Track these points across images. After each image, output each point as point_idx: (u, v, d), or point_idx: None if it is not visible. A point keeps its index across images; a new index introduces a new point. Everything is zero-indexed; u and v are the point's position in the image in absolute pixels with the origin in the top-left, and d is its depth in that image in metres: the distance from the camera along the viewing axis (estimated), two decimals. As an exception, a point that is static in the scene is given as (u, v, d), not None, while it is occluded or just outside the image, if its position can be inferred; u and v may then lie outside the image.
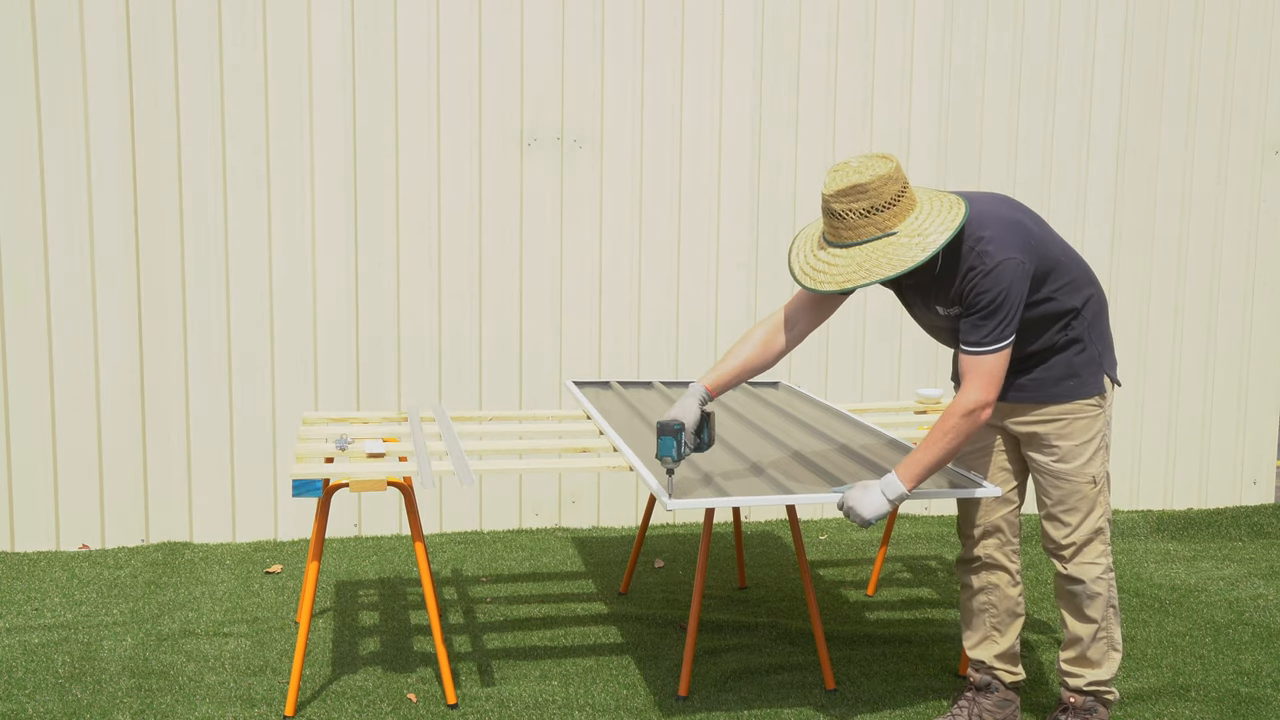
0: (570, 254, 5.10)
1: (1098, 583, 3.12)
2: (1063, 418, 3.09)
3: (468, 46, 4.91)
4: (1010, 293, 2.89)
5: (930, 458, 2.94)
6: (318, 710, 3.38)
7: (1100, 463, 3.11)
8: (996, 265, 2.88)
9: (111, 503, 4.85)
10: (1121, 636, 3.24)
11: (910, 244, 2.87)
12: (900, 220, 2.90)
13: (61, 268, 4.68)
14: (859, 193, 2.87)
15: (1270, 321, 5.81)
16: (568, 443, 3.71)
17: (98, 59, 4.62)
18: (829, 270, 2.94)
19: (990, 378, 2.91)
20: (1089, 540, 3.11)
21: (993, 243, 2.91)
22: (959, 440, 2.93)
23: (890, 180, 2.88)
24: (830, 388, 5.40)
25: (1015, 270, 2.89)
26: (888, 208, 2.88)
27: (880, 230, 2.90)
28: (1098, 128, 5.48)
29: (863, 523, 2.96)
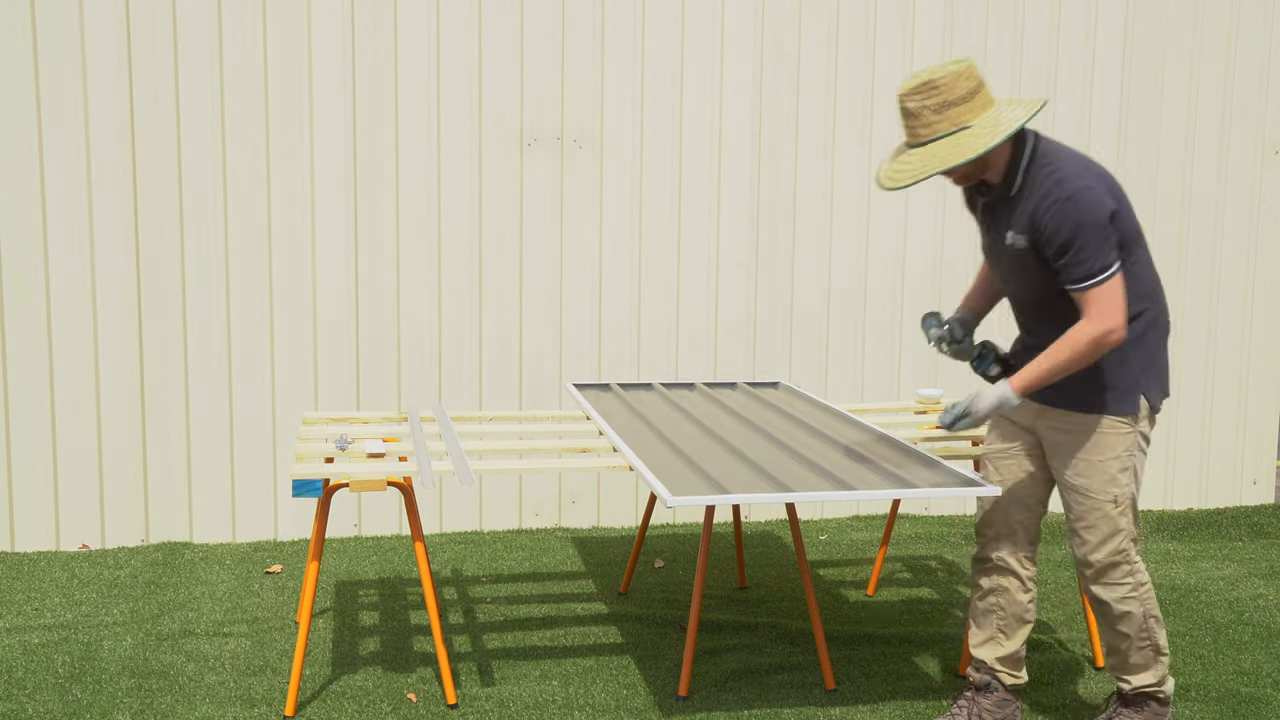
0: (570, 254, 5.10)
1: (1125, 603, 3.09)
2: (1087, 431, 3.05)
3: (468, 46, 4.91)
4: (1092, 220, 2.86)
5: (1044, 369, 2.94)
6: (318, 710, 3.38)
7: (1125, 484, 3.05)
8: (1075, 194, 2.87)
9: (111, 503, 4.85)
10: (1166, 638, 3.24)
11: (983, 133, 2.88)
12: (975, 115, 2.91)
13: (61, 268, 4.68)
14: (931, 89, 2.89)
15: (1270, 321, 5.81)
16: (568, 443, 3.71)
17: (98, 59, 4.62)
18: (905, 169, 2.95)
19: (1108, 304, 2.87)
20: (1112, 563, 3.08)
21: (1072, 173, 2.90)
22: (1077, 361, 2.90)
23: (963, 76, 2.89)
24: (830, 388, 5.40)
25: (1094, 201, 2.87)
26: (961, 102, 2.89)
27: (954, 125, 2.90)
28: (1098, 128, 5.48)
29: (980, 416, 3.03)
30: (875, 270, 5.37)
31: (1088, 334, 2.89)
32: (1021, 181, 2.98)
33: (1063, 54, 5.43)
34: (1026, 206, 2.96)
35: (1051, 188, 2.91)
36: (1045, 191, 2.91)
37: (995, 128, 2.89)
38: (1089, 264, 2.87)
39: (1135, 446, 3.07)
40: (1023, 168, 2.97)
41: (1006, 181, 3.01)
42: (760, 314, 5.29)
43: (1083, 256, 2.87)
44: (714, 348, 5.28)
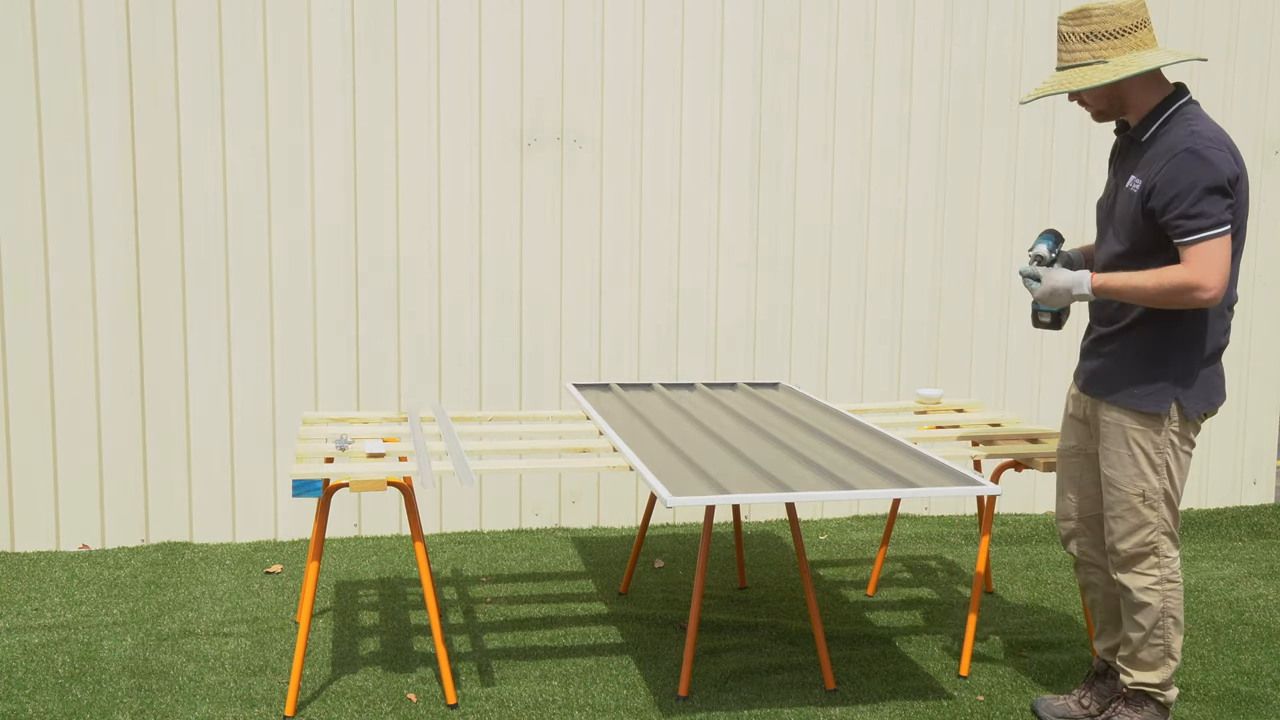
0: (570, 254, 5.10)
1: (1146, 594, 3.12)
2: (1122, 426, 3.10)
3: (468, 46, 4.91)
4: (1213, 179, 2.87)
5: (1131, 283, 2.96)
6: (318, 710, 3.38)
7: (1155, 482, 3.08)
8: (1203, 149, 2.89)
9: (111, 503, 4.85)
10: (1181, 649, 3.28)
11: (1109, 69, 2.94)
12: (1118, 53, 2.96)
13: (61, 267, 4.68)
14: (1084, 17, 2.97)
15: (1270, 321, 5.81)
16: (568, 443, 3.71)
17: (98, 60, 4.62)
18: (1039, 88, 3.04)
19: (1208, 262, 2.87)
20: (1139, 554, 3.11)
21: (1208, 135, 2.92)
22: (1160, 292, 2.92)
23: (1118, 13, 2.94)
24: (830, 388, 5.40)
25: (1221, 160, 2.89)
26: (1108, 37, 2.95)
27: (1094, 56, 2.97)
28: (1098, 127, 5.48)
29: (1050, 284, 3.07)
30: (875, 270, 5.37)
31: (1181, 277, 2.90)
32: (1157, 130, 3.01)
33: (1063, 54, 5.43)
34: (1156, 153, 2.98)
35: (1184, 138, 2.93)
36: (1176, 140, 2.94)
37: (1125, 68, 2.93)
38: (1200, 219, 2.88)
39: (1168, 445, 3.08)
40: (1164, 118, 3.00)
41: (1142, 127, 3.04)
42: (760, 314, 5.29)
43: (1195, 211, 2.88)
44: (714, 348, 5.28)
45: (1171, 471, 3.09)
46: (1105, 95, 3.03)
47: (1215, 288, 2.89)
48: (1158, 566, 3.11)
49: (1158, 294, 2.93)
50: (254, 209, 4.81)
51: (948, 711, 3.44)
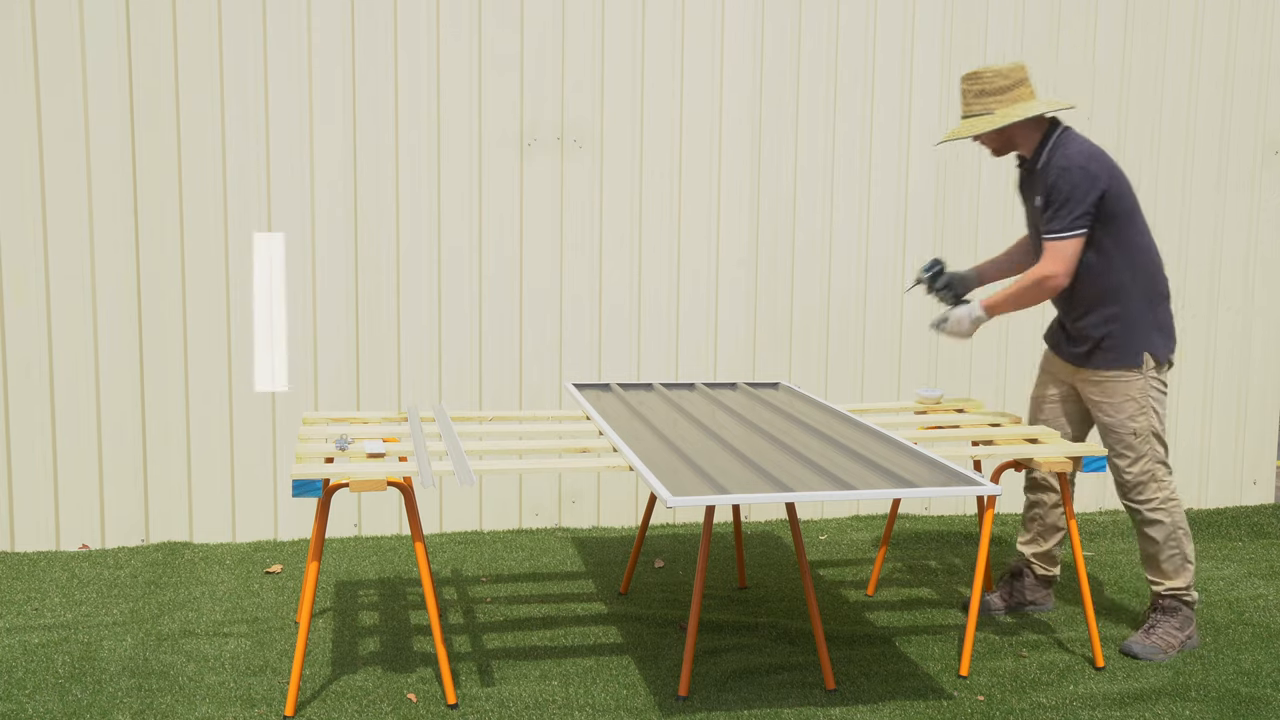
0: (570, 254, 5.10)
1: (1155, 511, 3.85)
2: (1104, 382, 3.86)
3: (468, 46, 4.91)
4: (1077, 191, 3.66)
5: (1005, 296, 3.83)
6: (318, 710, 3.38)
7: (1143, 420, 3.83)
8: (1069, 167, 3.68)
9: (111, 503, 4.85)
10: (1193, 551, 3.98)
11: (994, 120, 3.75)
12: (1002, 106, 3.77)
13: (61, 267, 4.68)
14: (975, 78, 3.80)
15: (1270, 322, 5.80)
16: (568, 443, 3.71)
17: (98, 60, 4.62)
18: (949, 133, 3.90)
19: (1059, 256, 3.71)
20: (1142, 481, 3.85)
21: (1075, 153, 3.72)
22: (1026, 294, 3.78)
23: (1001, 75, 3.76)
24: (830, 388, 5.40)
25: (1083, 177, 3.67)
26: (995, 94, 3.76)
27: (984, 109, 3.79)
28: (1098, 127, 5.48)
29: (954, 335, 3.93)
30: (875, 270, 5.38)
31: (1036, 273, 3.75)
32: (1044, 158, 3.79)
33: (1063, 54, 5.43)
34: (1044, 175, 3.77)
35: (1058, 159, 3.73)
36: (1053, 162, 3.74)
37: (1005, 118, 3.74)
38: (1059, 221, 3.70)
39: (1148, 390, 3.83)
40: (1048, 148, 3.79)
41: (1034, 158, 3.84)
42: (760, 314, 5.29)
43: (1059, 214, 3.69)
44: (714, 348, 5.28)
45: (1155, 410, 3.85)
46: (996, 138, 3.83)
47: (1061, 274, 3.72)
48: (1160, 489, 3.85)
49: (1025, 292, 3.78)
50: (254, 207, 4.80)
51: (948, 711, 3.44)
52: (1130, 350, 3.81)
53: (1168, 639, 3.87)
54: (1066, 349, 3.95)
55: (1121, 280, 3.77)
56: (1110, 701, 3.53)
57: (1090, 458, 3.65)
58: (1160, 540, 3.87)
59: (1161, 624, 3.90)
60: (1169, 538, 3.86)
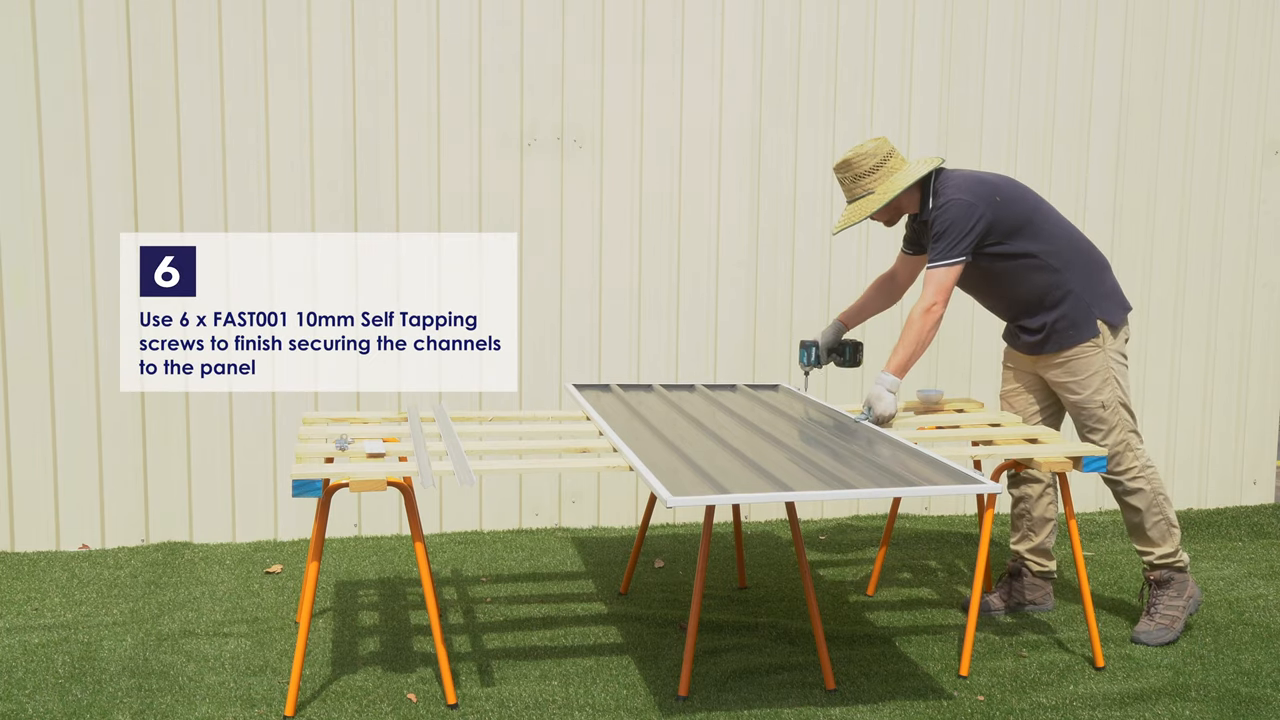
0: (570, 254, 5.10)
1: (1135, 480, 3.96)
2: (1070, 360, 3.94)
3: (468, 46, 4.91)
4: (955, 225, 3.82)
5: (904, 349, 3.86)
6: (318, 710, 3.38)
7: (1110, 391, 3.93)
8: (945, 203, 3.86)
9: (111, 503, 4.85)
10: (1175, 515, 4.05)
11: (879, 197, 3.91)
12: (879, 183, 3.93)
13: (61, 266, 4.68)
14: (846, 166, 3.96)
15: (1270, 321, 5.80)
16: (568, 443, 3.71)
17: (98, 58, 4.62)
18: (843, 219, 4.02)
19: (940, 286, 3.84)
20: (1118, 452, 3.95)
21: (949, 188, 3.88)
22: (921, 333, 3.84)
23: (869, 155, 3.92)
24: (830, 389, 5.40)
25: (961, 208, 3.82)
26: (869, 174, 3.93)
27: (865, 190, 3.95)
28: (1098, 127, 5.48)
29: (887, 417, 3.90)
30: (875, 270, 5.37)
31: (919, 308, 3.85)
32: (929, 207, 3.94)
33: (1062, 54, 5.43)
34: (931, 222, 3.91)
35: (935, 200, 3.91)
36: (935, 206, 3.91)
37: (885, 194, 3.91)
38: (937, 251, 3.85)
39: (1109, 362, 3.93)
40: (929, 198, 3.94)
41: (922, 210, 3.99)
42: (761, 314, 5.29)
43: (939, 247, 3.85)
44: (714, 348, 5.28)
45: (1119, 382, 3.94)
46: (885, 212, 3.98)
47: (941, 303, 3.84)
48: (1135, 457, 3.96)
49: (921, 332, 3.85)
50: (253, 207, 4.81)
51: (948, 711, 3.44)
52: (1084, 325, 3.90)
53: (1170, 613, 3.97)
54: (1022, 340, 4.03)
55: (1051, 275, 3.88)
56: (1110, 701, 3.53)
57: (1090, 458, 3.65)
58: (1144, 508, 3.96)
59: (1160, 599, 3.99)
60: (1151, 505, 3.96)
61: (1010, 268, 3.89)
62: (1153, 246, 5.62)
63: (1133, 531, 4.04)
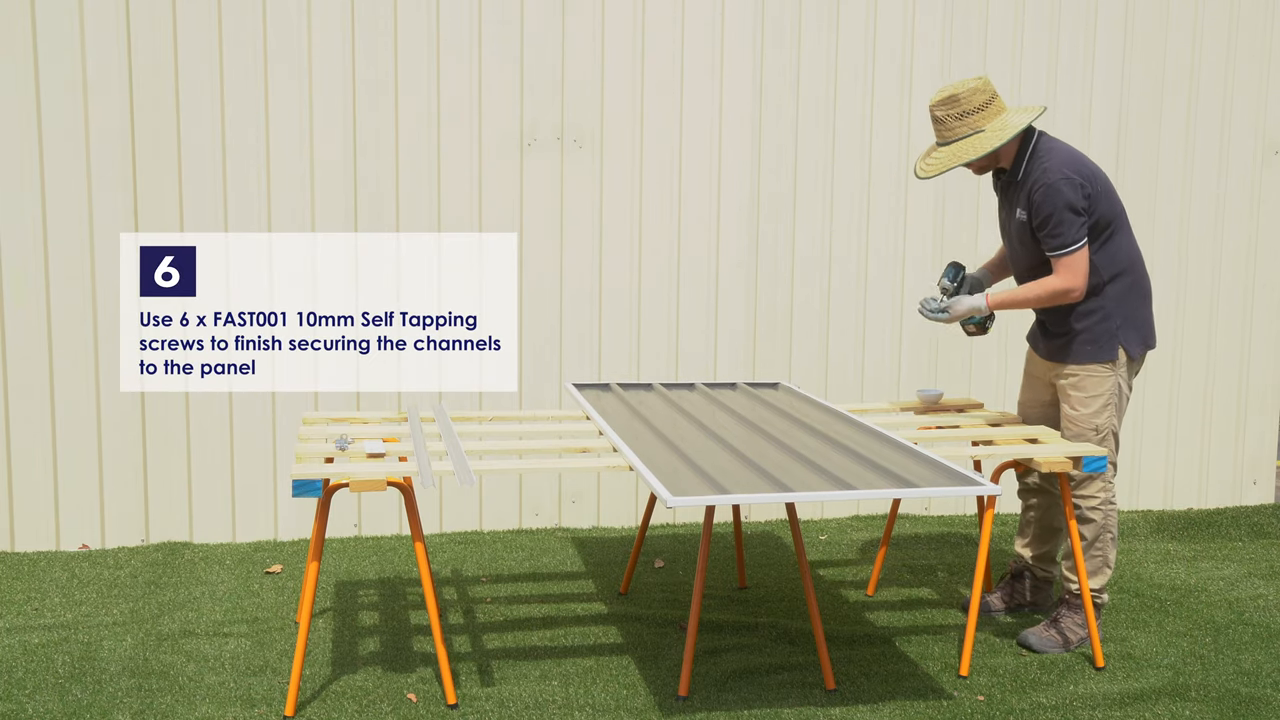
0: (570, 254, 5.10)
1: (1093, 511, 3.87)
2: (1079, 374, 3.86)
3: (468, 46, 4.91)
4: (1066, 204, 3.67)
5: (1017, 297, 3.83)
6: (318, 710, 3.38)
7: (1106, 417, 3.85)
8: (1053, 184, 3.68)
9: (111, 503, 4.85)
10: (1115, 559, 4.10)
11: (992, 135, 3.73)
12: (988, 121, 3.75)
13: (61, 266, 4.68)
14: (953, 101, 3.75)
15: (1270, 322, 5.80)
16: (568, 443, 3.71)
17: (98, 59, 4.62)
18: (934, 163, 3.83)
19: (1073, 270, 3.72)
20: (1089, 478, 3.84)
21: (1056, 166, 3.71)
22: (1043, 299, 3.77)
23: (978, 91, 3.74)
24: (830, 388, 5.40)
25: (1069, 188, 3.68)
26: (976, 111, 3.74)
27: (971, 129, 3.76)
28: (1098, 127, 5.48)
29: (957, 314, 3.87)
30: (875, 270, 5.38)
31: (1054, 285, 3.75)
32: (1024, 169, 3.79)
33: (1062, 54, 5.43)
34: (1027, 188, 3.77)
35: (1040, 175, 3.73)
36: (1036, 178, 3.74)
37: (1001, 131, 3.73)
38: (1062, 237, 3.70)
39: (1116, 388, 3.86)
40: (1026, 158, 3.79)
41: (1014, 169, 3.83)
42: (760, 314, 5.29)
43: (1058, 231, 3.70)
44: (714, 347, 5.28)
45: (1119, 411, 3.88)
46: (985, 156, 3.77)
47: (1080, 288, 3.73)
48: (1103, 489, 3.87)
49: (1042, 299, 3.78)
50: (253, 208, 4.81)
51: (948, 711, 3.44)
52: (1105, 347, 3.82)
53: (1071, 634, 3.89)
54: (1043, 343, 3.97)
55: (1099, 282, 3.80)
56: (1110, 701, 3.53)
57: (1090, 458, 3.65)
58: (1089, 539, 3.88)
59: (1065, 618, 3.92)
60: (1097, 538, 3.88)
61: None
62: (1153, 246, 5.62)
63: (1068, 556, 3.95)
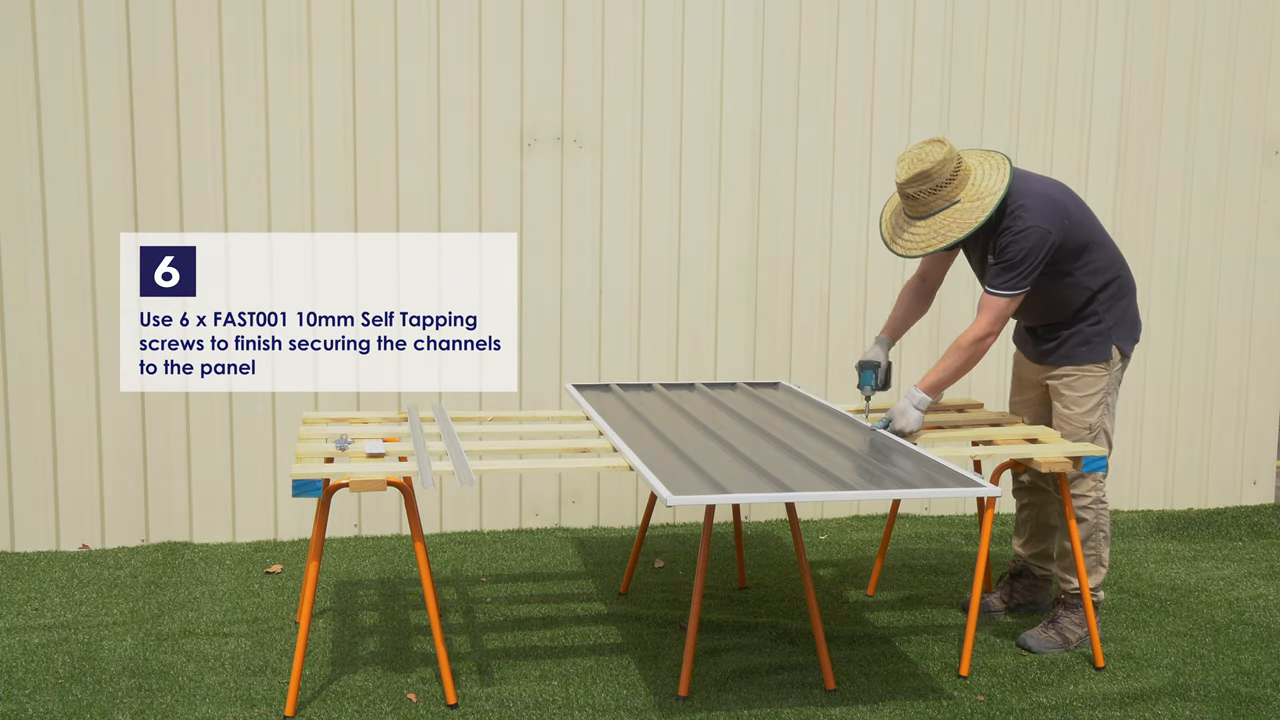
0: (570, 254, 5.10)
1: (1085, 510, 3.87)
2: (1073, 374, 3.86)
3: (468, 46, 4.91)
4: (1030, 255, 3.61)
5: (943, 372, 3.75)
6: (318, 710, 3.38)
7: (1099, 416, 3.86)
8: (1025, 229, 3.62)
9: (111, 503, 4.85)
10: (1109, 556, 4.11)
11: (972, 208, 3.64)
12: (961, 190, 3.66)
13: (61, 266, 4.68)
14: (924, 178, 3.63)
15: (1270, 321, 5.80)
16: (568, 443, 3.71)
17: (98, 60, 4.62)
18: (915, 239, 3.73)
19: (998, 315, 3.69)
20: (1081, 477, 3.83)
21: (1028, 210, 3.64)
22: (967, 362, 3.73)
23: (946, 161, 3.63)
24: (830, 388, 5.40)
25: (1039, 238, 3.61)
26: (949, 183, 3.65)
27: (947, 201, 3.66)
28: (1098, 127, 5.48)
29: (908, 434, 3.76)
30: (875, 270, 5.37)
31: (971, 335, 3.72)
32: (997, 216, 3.69)
33: (1063, 54, 5.43)
34: (998, 231, 3.70)
35: (1012, 222, 3.66)
36: (1006, 225, 3.67)
37: (980, 201, 3.65)
38: (1008, 281, 3.66)
39: (1109, 387, 3.88)
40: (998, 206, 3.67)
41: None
42: (760, 315, 5.29)
43: (1009, 275, 3.65)
44: (714, 347, 5.28)
45: (1110, 409, 3.89)
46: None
47: (996, 334, 3.72)
48: (1095, 488, 3.87)
49: (964, 360, 3.73)
50: (253, 208, 4.81)
51: (948, 711, 3.44)
52: (1099, 348, 3.83)
53: (1069, 633, 3.89)
54: (1033, 347, 3.97)
55: (1084, 293, 3.80)
56: (1110, 701, 3.53)
57: (1090, 458, 3.65)
58: (1083, 538, 3.87)
59: (1064, 618, 3.91)
60: (1089, 538, 3.89)
61: (1049, 284, 3.75)
62: (1153, 246, 5.62)
63: (1061, 556, 3.99)
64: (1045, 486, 4.10)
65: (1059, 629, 3.90)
